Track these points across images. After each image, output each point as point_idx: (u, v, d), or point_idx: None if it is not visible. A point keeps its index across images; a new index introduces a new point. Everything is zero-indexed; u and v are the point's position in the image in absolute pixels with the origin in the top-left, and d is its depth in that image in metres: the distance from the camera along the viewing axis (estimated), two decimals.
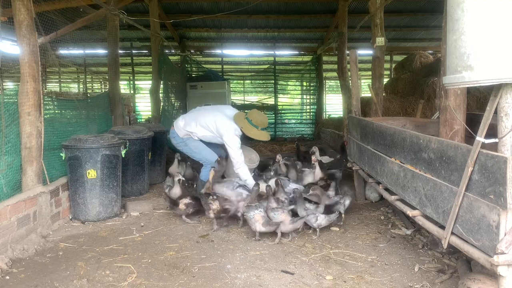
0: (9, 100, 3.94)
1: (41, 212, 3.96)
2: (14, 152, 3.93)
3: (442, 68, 3.42)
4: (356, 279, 3.06)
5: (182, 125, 5.07)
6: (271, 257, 3.47)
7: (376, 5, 6.45)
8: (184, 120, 5.12)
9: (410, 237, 3.89)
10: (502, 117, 2.14)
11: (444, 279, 3.00)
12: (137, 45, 12.87)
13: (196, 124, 4.96)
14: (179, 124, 5.12)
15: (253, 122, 4.83)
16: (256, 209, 3.81)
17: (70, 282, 3.02)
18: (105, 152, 4.45)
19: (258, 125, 4.85)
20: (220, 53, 13.54)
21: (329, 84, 16.73)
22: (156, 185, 6.21)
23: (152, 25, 8.59)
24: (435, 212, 2.72)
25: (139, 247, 3.73)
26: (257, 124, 4.85)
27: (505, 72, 1.99)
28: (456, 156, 2.45)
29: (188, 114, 5.31)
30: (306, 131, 13.50)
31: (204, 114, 5.03)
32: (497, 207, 2.07)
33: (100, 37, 8.20)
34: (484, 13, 2.02)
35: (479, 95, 8.47)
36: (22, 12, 3.84)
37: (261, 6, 10.21)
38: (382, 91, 6.84)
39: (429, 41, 12.99)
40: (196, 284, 3.00)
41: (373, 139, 4.21)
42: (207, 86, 11.27)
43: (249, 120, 4.85)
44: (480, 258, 2.22)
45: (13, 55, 6.30)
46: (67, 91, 15.15)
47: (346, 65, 9.35)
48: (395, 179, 3.44)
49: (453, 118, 3.27)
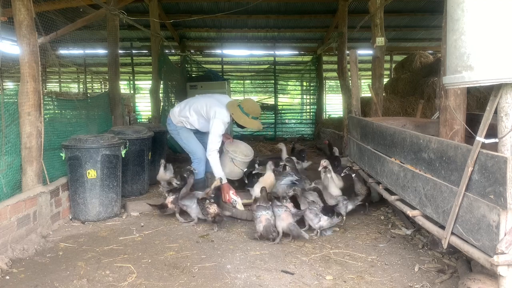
0: (9, 100, 3.94)
1: (41, 212, 3.96)
2: (14, 152, 3.93)
3: (442, 68, 3.42)
4: (356, 279, 3.06)
5: (177, 112, 5.18)
6: (271, 257, 3.47)
7: (376, 5, 6.45)
8: (179, 106, 5.24)
9: (410, 237, 3.89)
10: (502, 117, 2.14)
11: (444, 279, 3.00)
12: (137, 45, 12.87)
13: (190, 108, 5.05)
14: (175, 110, 5.24)
15: (244, 110, 4.87)
16: (264, 210, 3.82)
17: (70, 282, 3.02)
18: (105, 152, 4.45)
19: (249, 113, 4.88)
20: (220, 53, 13.54)
21: (329, 84, 16.73)
22: (156, 185, 6.20)
23: (152, 25, 8.59)
24: (435, 212, 2.72)
25: (139, 247, 3.73)
26: (249, 112, 4.87)
27: (505, 72, 1.99)
28: (456, 156, 2.45)
29: (184, 101, 5.42)
30: (306, 131, 13.50)
31: (198, 99, 5.16)
32: (497, 207, 2.07)
33: (100, 37, 8.21)
34: (484, 13, 2.02)
35: (479, 95, 8.47)
36: (22, 12, 3.84)
37: (261, 6, 10.21)
38: (382, 91, 6.84)
39: (429, 41, 12.99)
40: (196, 284, 3.00)
41: (373, 139, 4.21)
42: (207, 86, 11.26)
43: (241, 108, 4.89)
44: (480, 258, 2.22)
45: (13, 55, 6.30)
46: (67, 91, 15.16)
47: (346, 65, 9.35)
48: (395, 179, 3.44)
49: (453, 118, 3.27)
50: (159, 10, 9.34)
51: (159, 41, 8.73)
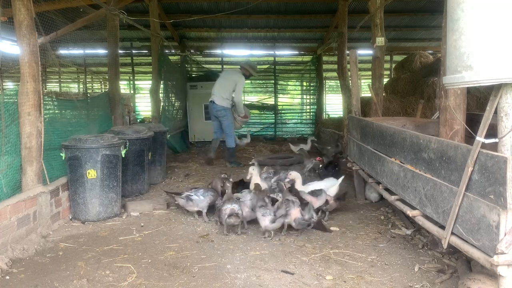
0: (9, 100, 3.94)
1: (41, 212, 3.96)
2: (14, 152, 3.93)
3: (442, 68, 3.42)
4: (356, 279, 3.06)
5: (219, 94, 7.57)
6: (271, 257, 3.47)
7: (376, 5, 6.45)
8: (215, 91, 7.62)
9: (410, 237, 3.89)
10: (502, 117, 2.14)
11: (444, 279, 3.00)
12: (137, 45, 12.86)
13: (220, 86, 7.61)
14: (220, 96, 7.53)
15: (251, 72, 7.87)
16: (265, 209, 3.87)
17: (70, 282, 3.02)
18: (105, 152, 4.45)
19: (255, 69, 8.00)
20: (220, 53, 13.53)
21: (329, 84, 16.72)
22: (156, 185, 6.21)
23: (152, 25, 8.59)
24: (435, 212, 2.72)
25: (139, 247, 3.73)
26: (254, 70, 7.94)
27: (505, 72, 1.99)
28: (456, 156, 2.45)
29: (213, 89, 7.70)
30: (306, 131, 13.49)
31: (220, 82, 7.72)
32: (497, 207, 2.07)
33: (100, 37, 8.20)
34: (484, 13, 2.02)
35: (479, 95, 8.46)
36: (22, 12, 3.84)
37: (261, 6, 10.20)
38: (382, 91, 6.84)
39: (429, 41, 12.98)
40: (196, 284, 3.00)
41: (373, 139, 4.21)
42: (207, 86, 11.22)
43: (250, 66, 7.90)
44: (480, 258, 2.22)
45: (13, 55, 6.30)
46: (67, 91, 15.16)
47: (346, 65, 9.35)
48: (395, 179, 3.44)
49: (453, 118, 3.27)
50: (159, 10, 9.34)
51: (159, 41, 8.73)
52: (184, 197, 4.45)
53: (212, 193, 4.48)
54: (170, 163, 7.75)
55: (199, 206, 4.43)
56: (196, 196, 4.43)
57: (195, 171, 7.28)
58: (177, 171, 7.28)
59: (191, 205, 4.45)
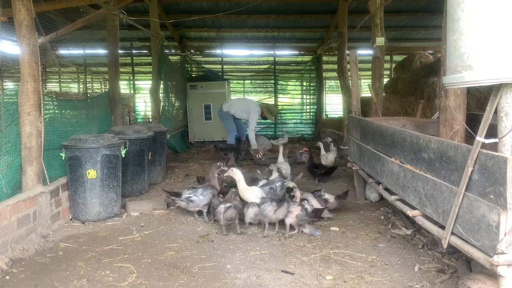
0: (9, 100, 3.94)
1: (41, 212, 3.96)
2: (14, 152, 3.93)
3: (442, 68, 3.42)
4: (356, 279, 3.06)
5: (226, 106, 8.45)
6: (271, 257, 3.47)
7: (376, 5, 6.45)
8: (227, 104, 8.56)
9: (410, 237, 3.89)
10: (502, 117, 2.14)
11: (444, 279, 3.00)
12: (137, 45, 12.87)
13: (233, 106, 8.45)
14: (225, 105, 8.51)
15: (269, 110, 8.51)
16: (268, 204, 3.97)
17: (70, 282, 3.02)
18: (105, 152, 4.44)
19: (272, 112, 8.55)
20: (220, 53, 13.54)
21: (329, 84, 16.73)
22: (156, 185, 6.21)
23: (152, 25, 8.59)
24: (435, 212, 2.72)
25: (139, 247, 3.73)
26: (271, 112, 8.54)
27: (505, 72, 1.99)
28: (456, 156, 2.45)
29: (230, 101, 8.90)
30: (306, 131, 13.49)
31: (238, 102, 8.77)
32: (497, 207, 2.07)
33: (100, 37, 8.20)
34: (484, 13, 2.02)
35: (479, 95, 8.46)
36: (22, 12, 3.84)
37: (261, 6, 10.21)
38: (382, 91, 6.85)
39: (429, 41, 12.99)
40: (196, 284, 3.00)
41: (373, 139, 4.21)
42: (207, 86, 11.28)
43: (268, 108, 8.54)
44: (480, 258, 2.22)
45: (13, 55, 6.30)
46: (67, 91, 15.16)
47: (346, 65, 9.35)
48: (395, 179, 3.44)
49: (453, 118, 3.27)
50: (159, 10, 9.34)
51: (159, 41, 8.73)
52: (184, 199, 4.46)
53: (210, 190, 4.51)
54: (170, 163, 7.76)
55: (200, 206, 4.45)
56: (196, 197, 4.43)
57: (195, 171, 7.28)
58: (177, 171, 7.29)
59: (192, 206, 4.47)
